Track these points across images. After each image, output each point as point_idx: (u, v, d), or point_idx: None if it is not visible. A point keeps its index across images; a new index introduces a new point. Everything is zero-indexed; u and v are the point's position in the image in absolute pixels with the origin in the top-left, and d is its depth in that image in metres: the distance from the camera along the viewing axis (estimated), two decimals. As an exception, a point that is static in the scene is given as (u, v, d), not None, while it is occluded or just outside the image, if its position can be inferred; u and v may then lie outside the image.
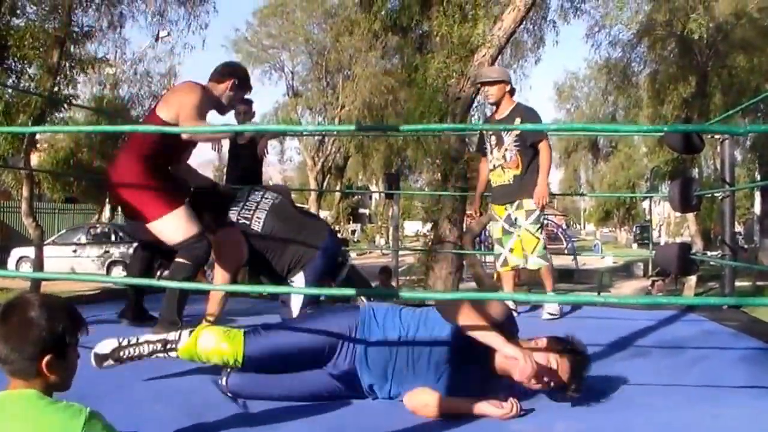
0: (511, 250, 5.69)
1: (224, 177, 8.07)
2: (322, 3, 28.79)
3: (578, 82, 37.89)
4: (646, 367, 3.80)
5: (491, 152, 5.69)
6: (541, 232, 5.56)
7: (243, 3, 76.11)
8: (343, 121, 28.66)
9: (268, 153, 8.09)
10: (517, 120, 5.43)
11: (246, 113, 7.73)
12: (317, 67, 30.46)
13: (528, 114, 5.51)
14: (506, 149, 5.55)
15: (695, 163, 22.32)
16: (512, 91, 5.67)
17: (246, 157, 7.57)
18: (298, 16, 29.61)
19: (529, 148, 5.46)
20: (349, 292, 4.04)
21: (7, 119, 13.46)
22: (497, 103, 5.63)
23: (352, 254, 28.41)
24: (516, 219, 5.56)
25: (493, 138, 5.64)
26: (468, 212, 10.67)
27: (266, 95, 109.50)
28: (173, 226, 4.30)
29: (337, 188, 33.73)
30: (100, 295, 7.43)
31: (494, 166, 5.66)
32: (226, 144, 7.87)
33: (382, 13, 13.61)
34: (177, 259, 4.36)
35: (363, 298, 4.46)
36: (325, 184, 32.49)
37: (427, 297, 6.46)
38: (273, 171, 44.53)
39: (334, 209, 41.81)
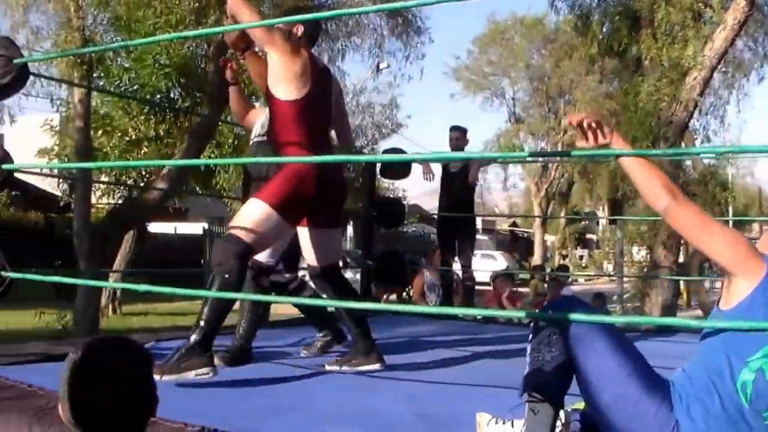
0: None
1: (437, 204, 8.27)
2: (542, 29, 28.81)
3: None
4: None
5: None
6: None
7: (460, 31, 77.36)
8: (565, 146, 28.36)
9: (479, 181, 8.28)
10: None
11: (458, 140, 7.98)
12: (538, 93, 30.40)
13: None
14: None
15: None
16: None
17: (457, 185, 7.84)
18: (518, 43, 29.81)
19: None
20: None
21: (237, 152, 13.86)
22: None
23: (580, 279, 27.62)
24: None
25: None
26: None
27: (488, 122, 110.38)
28: (251, 217, 3.53)
29: (562, 214, 33.26)
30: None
31: None
32: (438, 172, 8.17)
33: (599, 37, 13.50)
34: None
35: None
36: (549, 209, 32.19)
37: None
38: (498, 197, 44.77)
39: (560, 234, 41.22)
